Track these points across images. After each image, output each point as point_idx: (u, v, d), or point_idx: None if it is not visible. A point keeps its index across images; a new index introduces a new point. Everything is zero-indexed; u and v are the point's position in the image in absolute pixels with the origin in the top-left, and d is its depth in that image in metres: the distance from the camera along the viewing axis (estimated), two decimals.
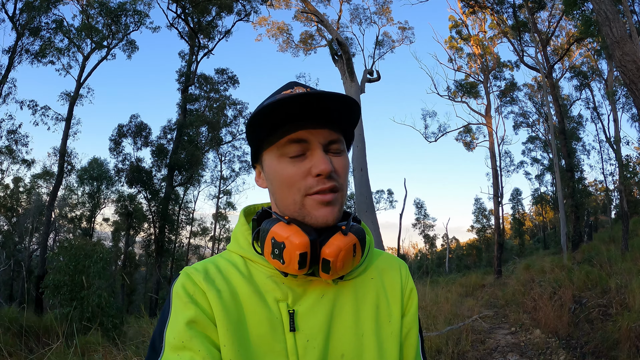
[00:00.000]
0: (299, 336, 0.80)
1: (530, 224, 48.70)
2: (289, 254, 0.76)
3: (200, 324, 0.75)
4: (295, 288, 0.83)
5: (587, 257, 10.83)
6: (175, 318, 0.76)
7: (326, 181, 0.80)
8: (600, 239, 16.64)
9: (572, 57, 24.75)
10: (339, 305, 0.85)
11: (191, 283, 0.80)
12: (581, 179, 23.22)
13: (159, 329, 0.77)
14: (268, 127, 0.81)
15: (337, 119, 0.82)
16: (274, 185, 0.84)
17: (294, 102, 0.76)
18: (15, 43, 17.62)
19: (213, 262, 0.86)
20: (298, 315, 0.82)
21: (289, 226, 0.78)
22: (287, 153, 0.81)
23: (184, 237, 30.11)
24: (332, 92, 0.75)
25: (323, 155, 0.80)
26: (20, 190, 30.50)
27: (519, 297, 8.53)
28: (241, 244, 0.88)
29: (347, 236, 0.79)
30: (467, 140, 26.24)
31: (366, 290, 0.90)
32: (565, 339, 5.67)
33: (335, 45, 18.38)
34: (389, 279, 0.94)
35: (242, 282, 0.82)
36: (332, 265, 0.77)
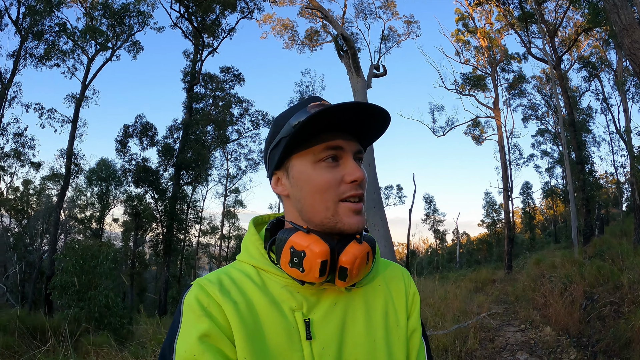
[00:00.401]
0: (315, 344, 0.81)
1: (541, 218, 48.24)
2: (310, 262, 0.77)
3: (213, 337, 0.75)
4: (309, 297, 0.85)
5: (599, 251, 10.62)
6: (188, 331, 0.75)
7: (358, 188, 0.83)
8: (611, 233, 16.40)
9: (580, 48, 24.41)
10: (351, 313, 0.87)
11: (205, 295, 0.79)
12: (592, 171, 22.91)
13: (168, 341, 0.77)
14: (306, 134, 0.82)
15: (367, 133, 0.88)
16: (304, 191, 0.85)
17: (354, 109, 0.80)
18: (19, 47, 17.78)
19: (226, 273, 0.86)
20: (313, 323, 0.83)
21: (309, 235, 0.80)
22: (324, 157, 0.83)
23: (193, 236, 30.22)
24: (381, 107, 0.81)
25: (356, 163, 0.85)
26: (30, 193, 30.78)
27: (529, 293, 8.39)
28: (252, 253, 0.89)
29: (362, 245, 0.82)
30: (475, 134, 26.02)
31: (375, 298, 0.92)
32: (576, 337, 5.53)
33: (340, 40, 18.24)
34: (395, 286, 0.97)
35: (257, 292, 0.83)
36: (349, 272, 0.80)
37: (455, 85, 24.92)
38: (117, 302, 9.84)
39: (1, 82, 17.27)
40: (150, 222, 25.39)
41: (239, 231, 35.46)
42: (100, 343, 5.30)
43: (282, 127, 0.86)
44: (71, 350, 3.60)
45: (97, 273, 9.90)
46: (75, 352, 3.78)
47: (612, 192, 33.22)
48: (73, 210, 28.95)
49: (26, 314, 8.74)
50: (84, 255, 10.04)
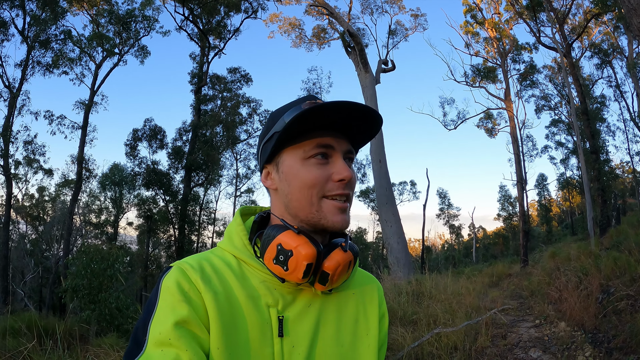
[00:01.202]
0: (286, 342, 0.82)
1: (558, 210, 47.58)
2: (296, 263, 0.78)
3: (191, 324, 0.74)
4: (286, 295, 0.85)
5: (615, 242, 10.36)
6: (164, 314, 0.74)
7: (345, 187, 0.85)
8: (628, 223, 15.98)
9: (591, 35, 24.05)
10: (324, 316, 0.88)
11: (186, 280, 0.79)
12: (607, 160, 22.47)
13: (143, 321, 0.76)
14: (298, 130, 0.84)
15: (358, 133, 0.89)
16: (292, 186, 0.86)
17: (344, 109, 0.81)
18: (26, 56, 18.09)
19: (207, 259, 0.86)
20: (287, 321, 0.84)
21: (298, 236, 0.80)
22: (313, 154, 0.85)
23: (207, 237, 30.34)
24: (372, 108, 0.83)
25: (345, 162, 0.86)
26: (46, 199, 31.22)
27: (544, 287, 8.18)
28: (236, 243, 0.89)
29: (346, 253, 0.84)
30: (488, 127, 25.78)
31: (347, 304, 0.94)
32: (592, 333, 5.34)
33: (347, 37, 18.22)
34: (369, 296, 0.99)
35: (237, 284, 0.83)
36: (330, 278, 0.81)
37: (465, 77, 24.65)
38: (128, 303, 9.90)
39: (10, 91, 17.50)
40: (163, 225, 25.57)
41: None
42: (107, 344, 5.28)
43: (276, 122, 0.87)
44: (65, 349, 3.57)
45: (107, 275, 9.96)
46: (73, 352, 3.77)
47: (629, 181, 32.57)
48: (88, 215, 29.29)
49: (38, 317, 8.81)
50: (95, 258, 10.11)
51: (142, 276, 23.14)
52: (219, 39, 24.27)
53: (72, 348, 4.28)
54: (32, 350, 4.01)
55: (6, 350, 4.14)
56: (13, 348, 4.30)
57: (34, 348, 4.01)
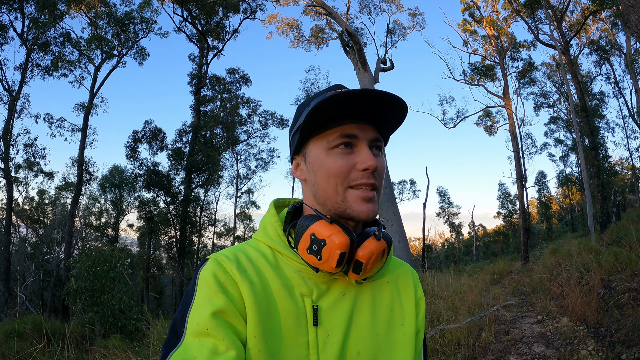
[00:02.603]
0: (321, 331, 0.82)
1: (558, 207, 47.70)
2: (329, 252, 0.78)
3: (227, 314, 0.76)
4: (320, 284, 0.86)
5: (616, 238, 10.38)
6: (202, 305, 0.76)
7: (370, 176, 0.83)
8: (629, 219, 16.02)
9: (589, 32, 24.10)
10: (358, 305, 0.88)
11: (222, 272, 0.80)
12: (606, 157, 22.51)
13: (181, 313, 0.78)
14: (322, 120, 0.84)
15: (383, 120, 0.86)
16: (318, 176, 0.86)
17: (355, 99, 0.79)
18: (25, 59, 18.06)
19: (242, 250, 0.87)
20: (321, 310, 0.84)
21: (331, 225, 0.81)
22: (337, 144, 0.84)
23: (208, 239, 30.33)
24: (392, 94, 0.79)
25: (369, 151, 0.84)
26: (46, 202, 31.21)
27: (546, 284, 8.22)
28: (270, 234, 0.90)
29: (380, 242, 0.83)
30: (487, 125, 25.83)
31: (382, 293, 0.93)
32: (594, 327, 5.37)
33: (345, 36, 18.19)
34: (403, 284, 0.98)
35: (272, 274, 0.84)
36: (364, 267, 0.81)
37: (464, 75, 24.72)
38: (131, 305, 9.91)
39: (10, 94, 17.50)
40: (164, 226, 25.57)
41: (254, 232, 35.57)
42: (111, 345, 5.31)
43: (302, 113, 0.88)
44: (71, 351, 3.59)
45: (109, 277, 9.97)
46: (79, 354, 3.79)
47: (629, 178, 32.62)
48: (89, 218, 29.29)
49: (40, 320, 8.83)
50: (97, 260, 10.11)
51: (143, 278, 23.14)
52: (217, 40, 24.27)
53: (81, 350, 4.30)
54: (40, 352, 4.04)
55: (15, 352, 4.16)
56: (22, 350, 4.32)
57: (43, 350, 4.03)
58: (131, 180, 24.15)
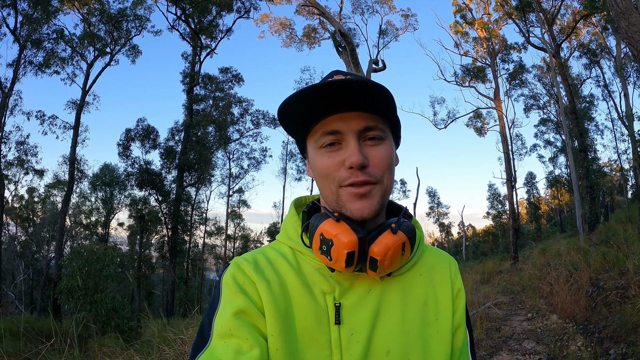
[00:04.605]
0: (344, 329, 0.80)
1: (547, 208, 48.12)
2: (337, 252, 0.75)
3: (248, 313, 0.76)
4: (342, 282, 0.83)
5: (604, 238, 10.58)
6: (224, 307, 0.77)
7: (359, 173, 0.78)
8: (616, 220, 16.31)
9: (579, 36, 24.33)
10: (386, 301, 0.84)
11: (241, 273, 0.81)
12: (595, 159, 22.82)
13: (208, 317, 0.78)
14: (301, 119, 0.81)
15: (370, 106, 0.79)
16: (316, 176, 0.84)
17: (319, 93, 0.75)
18: (18, 56, 17.91)
19: (262, 252, 0.88)
20: (344, 308, 0.81)
21: (339, 224, 0.77)
22: (322, 144, 0.81)
23: (199, 237, 30.27)
24: (354, 79, 0.73)
25: (355, 146, 0.78)
26: (35, 200, 30.94)
27: (535, 282, 8.37)
28: (290, 235, 0.89)
29: (397, 235, 0.78)
30: (477, 126, 26.01)
31: (414, 287, 0.88)
32: (583, 324, 5.51)
33: (338, 37, 18.22)
34: (439, 276, 0.93)
35: (291, 273, 0.83)
36: (380, 264, 0.77)
37: (455, 77, 24.89)
38: (124, 304, 9.91)
39: (2, 91, 17.35)
40: (155, 225, 25.45)
41: (244, 231, 35.52)
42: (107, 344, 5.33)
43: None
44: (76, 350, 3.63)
45: (102, 276, 9.97)
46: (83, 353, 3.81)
47: (617, 179, 33.06)
48: (78, 217, 29.11)
49: (34, 319, 8.79)
50: (90, 259, 10.10)
51: (135, 277, 23.05)
52: (210, 39, 24.23)
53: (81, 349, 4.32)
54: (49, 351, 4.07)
55: (20, 351, 4.18)
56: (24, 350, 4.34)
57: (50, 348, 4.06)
58: (123, 178, 24.02)
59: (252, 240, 35.53)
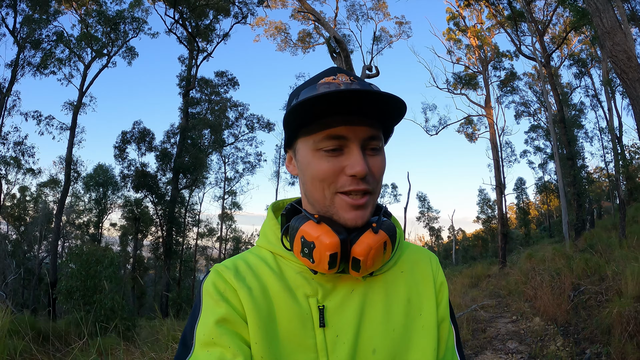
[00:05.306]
0: (329, 332, 0.80)
1: (536, 213, 48.60)
2: (319, 254, 0.75)
3: (230, 321, 0.76)
4: (325, 284, 0.83)
5: (589, 244, 10.95)
6: (206, 315, 0.77)
7: (360, 183, 0.78)
8: (602, 226, 16.78)
9: (570, 45, 24.66)
10: (369, 301, 0.84)
11: (222, 281, 0.80)
12: (583, 166, 23.25)
13: (190, 326, 0.78)
14: (308, 118, 0.78)
15: (379, 116, 0.80)
16: (306, 177, 0.83)
17: (340, 98, 0.73)
18: (17, 56, 18.04)
19: (243, 258, 0.87)
20: (328, 310, 0.81)
21: (319, 225, 0.77)
22: (323, 147, 0.78)
23: (191, 239, 30.40)
24: (382, 92, 0.73)
25: (360, 155, 0.77)
26: (27, 199, 30.85)
27: (521, 287, 8.70)
28: (270, 239, 0.89)
29: (378, 234, 0.78)
30: (468, 132, 26.30)
31: (396, 285, 0.88)
32: (564, 326, 5.85)
33: (332, 42, 18.45)
34: (420, 272, 0.93)
35: (273, 278, 0.82)
36: (362, 264, 0.76)
37: (447, 84, 25.19)
38: (123, 304, 10.07)
39: (0, 91, 17.44)
40: (149, 226, 25.59)
41: (236, 233, 35.67)
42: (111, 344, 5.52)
43: (290, 104, 0.83)
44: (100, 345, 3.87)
45: (101, 277, 10.12)
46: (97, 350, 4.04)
47: (606, 186, 33.59)
48: (70, 216, 29.11)
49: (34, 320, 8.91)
50: (89, 260, 10.27)
51: (131, 277, 23.19)
52: (206, 42, 24.45)
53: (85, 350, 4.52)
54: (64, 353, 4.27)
55: (33, 352, 4.38)
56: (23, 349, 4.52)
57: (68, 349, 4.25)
58: (120, 180, 24.14)
59: (244, 242, 35.63)
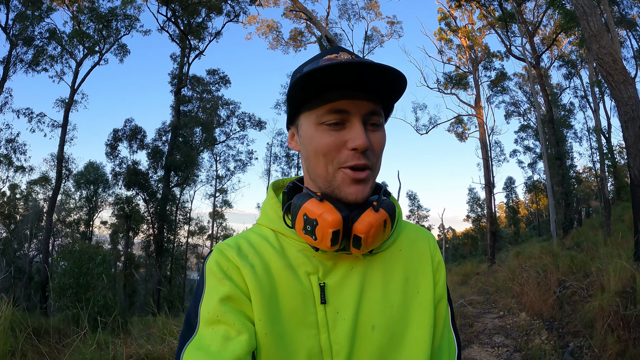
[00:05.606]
0: (329, 308, 0.81)
1: (526, 212, 49.13)
2: (322, 231, 0.76)
3: (234, 299, 0.76)
4: (326, 261, 0.84)
5: (576, 242, 11.20)
6: (210, 294, 0.77)
7: (361, 157, 0.79)
8: (590, 225, 17.10)
9: (561, 46, 24.91)
10: (369, 278, 0.85)
11: (224, 259, 0.81)
12: (572, 166, 23.57)
13: (193, 305, 0.78)
14: (310, 92, 0.79)
15: (381, 91, 0.80)
16: (308, 152, 0.83)
17: (341, 70, 0.74)
18: (9, 53, 17.92)
19: (245, 237, 0.88)
20: (328, 288, 0.82)
21: (322, 203, 0.78)
22: (326, 121, 0.79)
23: (182, 237, 30.39)
24: (382, 64, 0.73)
25: (361, 129, 0.78)
26: (17, 197, 30.62)
27: (508, 283, 8.88)
28: (271, 217, 0.89)
29: (379, 212, 0.79)
30: (459, 131, 26.54)
31: (394, 263, 0.89)
32: (549, 321, 6.03)
33: (324, 41, 18.55)
34: (418, 251, 0.94)
35: (275, 256, 0.83)
36: (363, 241, 0.78)
37: (438, 84, 25.38)
38: (115, 301, 10.10)
39: None
40: (140, 224, 25.55)
41: (227, 231, 35.70)
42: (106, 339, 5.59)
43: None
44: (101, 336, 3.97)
45: (94, 274, 10.16)
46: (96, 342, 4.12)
47: (595, 185, 34.02)
48: (60, 214, 28.95)
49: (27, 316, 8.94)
50: (82, 257, 10.29)
51: (125, 274, 23.18)
52: (198, 40, 24.45)
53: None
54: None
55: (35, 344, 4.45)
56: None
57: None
58: (111, 178, 24.08)
59: None
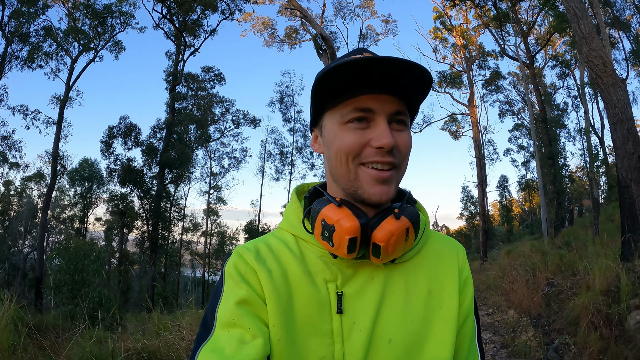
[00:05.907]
0: (345, 318, 0.79)
1: (519, 210, 49.45)
2: (339, 238, 0.74)
3: (251, 303, 0.76)
4: (345, 269, 0.81)
5: (566, 241, 11.36)
6: (227, 297, 0.77)
7: (386, 155, 0.77)
8: (581, 224, 17.26)
9: (555, 46, 25.05)
10: (389, 289, 0.82)
11: (243, 262, 0.80)
12: (564, 165, 23.78)
13: (211, 307, 0.78)
14: (335, 90, 0.78)
15: (407, 90, 0.79)
16: (331, 151, 0.81)
17: (366, 67, 0.73)
18: (4, 50, 17.90)
19: (264, 241, 0.87)
20: (346, 297, 0.80)
21: (340, 209, 0.76)
22: (351, 120, 0.78)
23: (176, 234, 30.45)
24: (409, 60, 0.71)
25: (387, 127, 0.76)
26: (12, 194, 30.55)
27: (498, 281, 9.03)
28: (292, 222, 0.88)
29: (400, 220, 0.76)
30: (452, 130, 26.72)
31: (418, 275, 0.86)
32: (536, 318, 6.19)
33: (319, 39, 18.61)
34: (445, 263, 0.90)
35: (293, 261, 0.82)
36: (383, 250, 0.75)
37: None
38: (110, 298, 10.20)
39: None
40: (135, 221, 25.59)
41: (221, 228, 35.73)
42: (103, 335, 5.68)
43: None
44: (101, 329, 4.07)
45: (89, 271, 10.25)
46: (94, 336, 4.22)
47: (588, 184, 34.19)
48: (55, 211, 28.93)
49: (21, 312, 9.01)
50: (77, 254, 10.38)
51: (119, 271, 23.23)
52: (193, 37, 24.46)
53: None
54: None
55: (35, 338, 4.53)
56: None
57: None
58: (106, 175, 24.11)
59: (229, 237, 35.70)
